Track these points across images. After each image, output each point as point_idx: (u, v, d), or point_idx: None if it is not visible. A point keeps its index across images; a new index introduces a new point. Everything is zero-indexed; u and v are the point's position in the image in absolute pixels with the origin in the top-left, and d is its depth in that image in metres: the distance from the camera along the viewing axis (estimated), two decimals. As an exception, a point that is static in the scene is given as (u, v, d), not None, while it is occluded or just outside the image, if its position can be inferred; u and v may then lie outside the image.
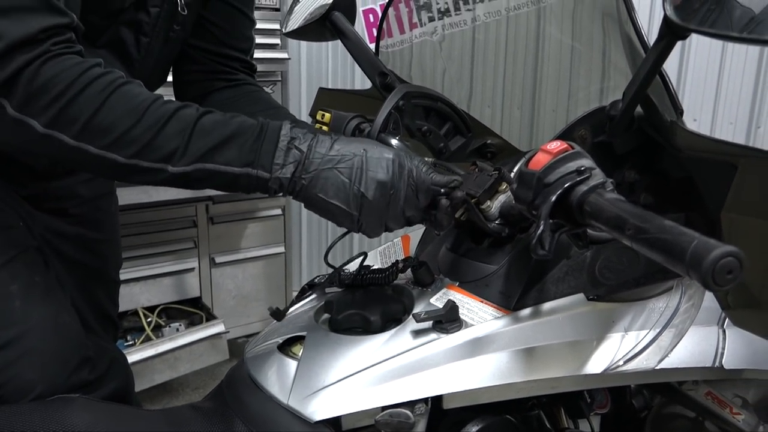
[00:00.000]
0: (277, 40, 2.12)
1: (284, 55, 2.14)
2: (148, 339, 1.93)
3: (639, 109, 0.80)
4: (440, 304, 0.71)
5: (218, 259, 2.16)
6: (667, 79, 0.78)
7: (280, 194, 0.70)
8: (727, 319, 0.77)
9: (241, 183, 0.69)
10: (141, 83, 0.72)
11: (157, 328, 2.01)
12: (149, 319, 2.00)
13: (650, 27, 2.17)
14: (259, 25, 2.02)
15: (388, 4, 1.14)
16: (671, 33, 0.67)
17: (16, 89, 0.65)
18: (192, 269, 2.11)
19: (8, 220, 0.93)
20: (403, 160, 0.69)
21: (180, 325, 2.04)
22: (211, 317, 2.08)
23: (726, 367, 0.75)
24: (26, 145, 0.70)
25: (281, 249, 2.31)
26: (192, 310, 2.11)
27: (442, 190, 0.71)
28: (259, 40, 2.06)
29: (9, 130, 0.68)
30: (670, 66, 2.40)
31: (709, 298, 0.78)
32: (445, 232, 0.85)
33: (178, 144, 0.67)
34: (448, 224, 0.73)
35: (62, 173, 1.03)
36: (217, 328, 2.01)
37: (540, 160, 0.61)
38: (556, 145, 0.62)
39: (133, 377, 1.11)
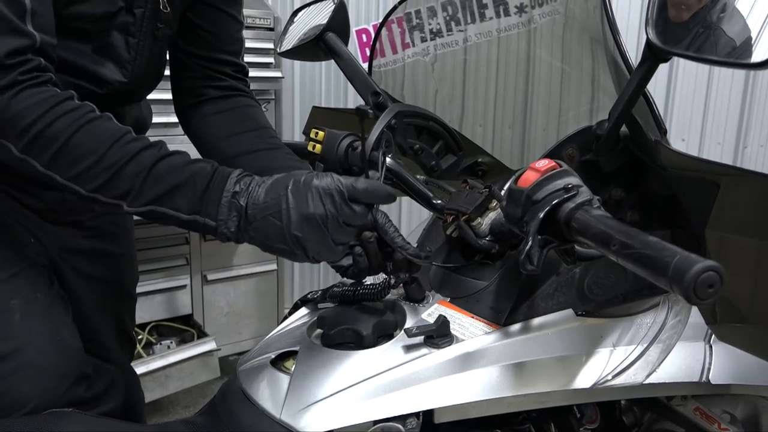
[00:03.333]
0: (270, 59, 2.14)
1: (278, 74, 2.16)
2: (138, 356, 1.91)
3: (624, 128, 0.82)
4: (431, 320, 0.72)
5: (210, 276, 2.16)
6: (651, 100, 0.80)
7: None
8: (713, 335, 0.79)
9: (192, 227, 0.73)
10: (111, 117, 0.75)
11: (148, 346, 2.00)
12: (140, 336, 1.98)
13: (637, 52, 2.20)
14: (253, 44, 2.08)
15: (382, 25, 1.17)
16: (653, 56, 0.70)
17: None
18: (184, 286, 2.10)
19: (18, 236, 0.93)
20: (318, 181, 0.70)
21: (171, 342, 2.03)
22: (202, 335, 2.07)
23: (713, 382, 0.76)
24: (10, 162, 0.73)
25: (273, 266, 2.31)
26: (183, 328, 2.10)
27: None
28: (253, 58, 2.10)
29: None
30: (658, 88, 2.45)
31: (695, 313, 0.79)
32: (437, 248, 0.86)
33: (133, 186, 0.71)
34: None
35: None
36: (208, 345, 2.00)
37: (528, 178, 0.63)
38: (544, 164, 0.63)
39: (143, 395, 1.10)
